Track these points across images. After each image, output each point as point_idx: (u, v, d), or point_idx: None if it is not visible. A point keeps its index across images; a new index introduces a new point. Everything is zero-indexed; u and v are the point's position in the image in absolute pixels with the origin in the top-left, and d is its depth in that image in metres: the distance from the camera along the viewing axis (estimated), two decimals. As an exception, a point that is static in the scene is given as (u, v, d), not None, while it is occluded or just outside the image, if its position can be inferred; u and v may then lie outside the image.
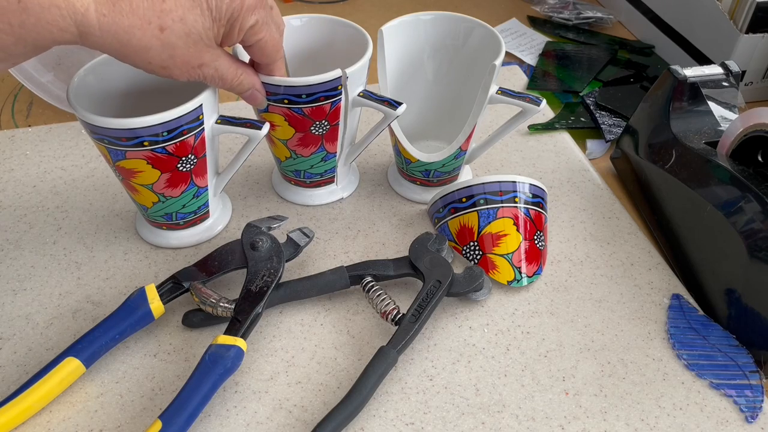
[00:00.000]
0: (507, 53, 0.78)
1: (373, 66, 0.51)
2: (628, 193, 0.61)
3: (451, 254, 0.51)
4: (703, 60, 0.73)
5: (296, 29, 0.54)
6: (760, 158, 0.51)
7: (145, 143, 0.44)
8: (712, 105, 0.57)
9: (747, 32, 0.67)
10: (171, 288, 0.46)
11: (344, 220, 0.56)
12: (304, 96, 0.47)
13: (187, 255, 0.52)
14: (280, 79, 0.46)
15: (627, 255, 0.54)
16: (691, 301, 0.50)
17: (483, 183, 0.51)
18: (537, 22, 0.87)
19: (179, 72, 0.40)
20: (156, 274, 0.51)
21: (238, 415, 0.42)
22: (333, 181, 0.56)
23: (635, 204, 0.60)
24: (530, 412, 0.43)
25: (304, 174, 0.54)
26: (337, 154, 0.53)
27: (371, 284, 0.47)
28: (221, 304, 0.44)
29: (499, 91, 0.50)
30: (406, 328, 0.44)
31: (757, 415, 0.43)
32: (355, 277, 0.48)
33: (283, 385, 0.44)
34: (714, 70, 0.58)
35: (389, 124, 0.51)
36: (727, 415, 0.43)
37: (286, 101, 0.47)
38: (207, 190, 0.50)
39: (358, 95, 0.49)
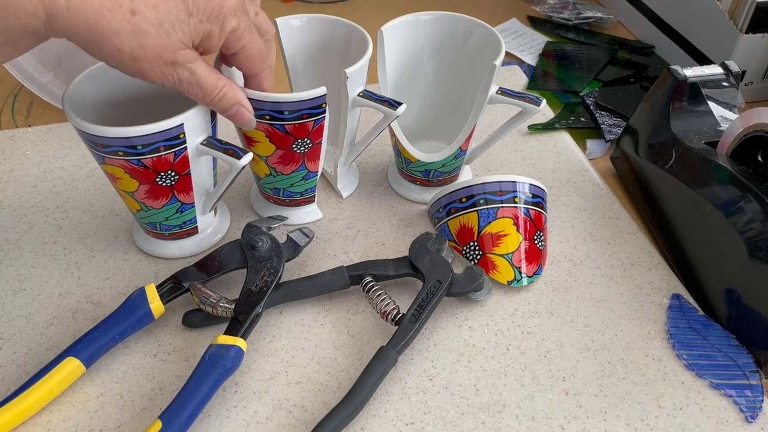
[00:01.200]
0: (507, 53, 0.78)
1: (373, 66, 0.51)
2: (628, 193, 0.61)
3: (451, 254, 0.51)
4: (703, 60, 0.73)
5: (296, 29, 0.54)
6: (760, 158, 0.51)
7: (120, 153, 0.43)
8: (712, 105, 0.57)
9: (747, 32, 0.67)
10: (171, 288, 0.46)
11: (344, 220, 0.56)
12: (286, 112, 0.46)
13: (187, 255, 0.52)
14: (263, 95, 0.45)
15: (627, 255, 0.54)
16: (691, 301, 0.50)
17: (483, 183, 0.51)
18: (537, 22, 0.87)
19: (150, 66, 0.38)
20: (156, 274, 0.51)
21: (238, 415, 0.42)
22: (313, 201, 0.55)
23: (635, 204, 0.60)
24: (530, 412, 0.43)
25: (283, 192, 0.53)
26: (318, 172, 0.52)
27: (371, 284, 0.47)
28: (221, 304, 0.44)
29: (499, 91, 0.50)
30: (406, 328, 0.44)
31: (757, 415, 0.43)
32: (355, 277, 0.48)
33: (283, 385, 0.44)
34: (714, 70, 0.58)
35: (389, 124, 0.51)
36: (727, 415, 0.43)
37: (267, 117, 0.46)
38: (193, 206, 0.49)
39: (358, 95, 0.49)
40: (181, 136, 0.44)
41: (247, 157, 0.45)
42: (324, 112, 0.47)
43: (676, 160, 0.54)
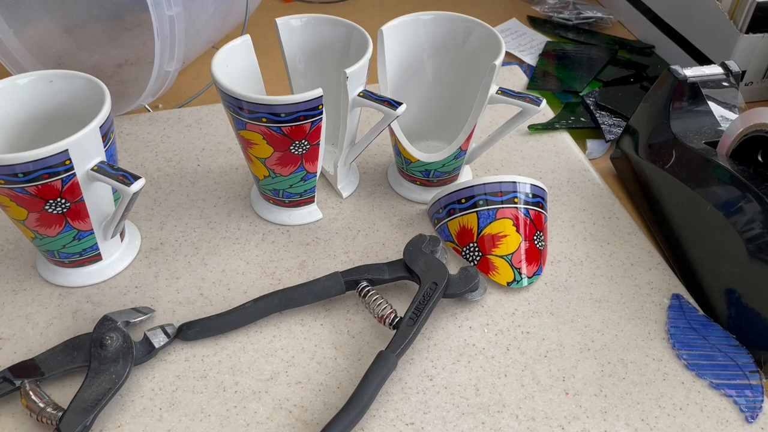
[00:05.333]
0: (507, 53, 0.78)
1: (373, 66, 0.51)
2: (628, 193, 0.61)
3: (445, 255, 0.51)
4: (703, 60, 0.73)
5: (296, 29, 0.54)
6: (760, 158, 0.51)
7: (1, 182, 0.41)
8: (712, 105, 0.57)
9: (747, 32, 0.67)
10: (0, 384, 0.41)
11: (344, 220, 0.56)
12: (283, 115, 0.46)
13: (187, 254, 0.52)
14: (258, 98, 0.45)
15: (627, 255, 0.54)
16: (691, 301, 0.50)
17: (484, 183, 0.51)
18: (537, 22, 0.87)
19: None
20: (156, 274, 0.51)
21: (238, 415, 0.42)
22: (313, 201, 0.55)
23: (635, 204, 0.60)
24: (530, 412, 0.43)
25: (282, 193, 0.53)
26: (317, 173, 0.52)
27: (367, 289, 0.47)
28: (47, 410, 0.40)
29: (499, 91, 0.50)
30: (404, 331, 0.44)
31: (757, 415, 0.43)
32: (350, 282, 0.48)
33: (283, 385, 0.44)
34: (714, 70, 0.58)
35: (389, 124, 0.51)
36: (727, 415, 0.43)
37: (264, 119, 0.46)
38: (92, 233, 0.47)
39: (358, 95, 0.49)
40: (67, 162, 0.42)
41: (138, 184, 0.43)
42: (321, 113, 0.47)
43: (676, 160, 0.54)
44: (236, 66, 0.50)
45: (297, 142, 0.48)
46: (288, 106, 0.45)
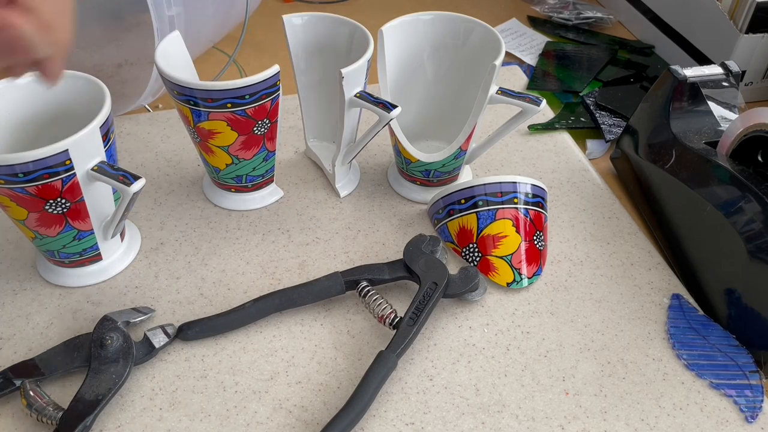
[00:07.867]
0: (507, 53, 0.78)
1: (373, 66, 0.51)
2: (628, 193, 0.61)
3: (445, 254, 0.51)
4: (703, 60, 0.73)
5: (298, 27, 0.54)
6: (760, 158, 0.51)
7: (1, 182, 0.41)
8: (712, 105, 0.57)
9: (747, 32, 0.67)
10: (1, 384, 0.42)
11: (344, 220, 0.56)
12: (247, 96, 0.47)
13: (187, 254, 0.52)
14: (226, 84, 0.46)
15: (627, 255, 0.54)
16: (691, 301, 0.50)
17: (484, 184, 0.51)
18: (537, 22, 0.87)
19: None
20: (156, 274, 0.51)
21: (238, 415, 0.42)
22: (272, 181, 0.56)
23: (635, 204, 0.60)
24: (530, 412, 0.43)
25: (246, 178, 0.54)
26: (275, 152, 0.53)
27: (367, 289, 0.47)
28: (47, 410, 0.40)
29: (499, 91, 0.50)
30: (404, 331, 0.44)
31: (757, 415, 0.43)
32: (350, 282, 0.48)
33: (283, 385, 0.44)
34: (714, 70, 0.58)
35: (386, 125, 0.51)
36: (727, 415, 0.43)
37: (229, 105, 0.47)
38: (92, 233, 0.47)
39: (355, 96, 0.49)
40: (68, 162, 0.42)
41: (138, 184, 0.43)
42: (279, 89, 0.48)
43: (676, 160, 0.54)
44: (175, 61, 0.51)
45: (260, 122, 0.49)
46: (252, 86, 0.47)
